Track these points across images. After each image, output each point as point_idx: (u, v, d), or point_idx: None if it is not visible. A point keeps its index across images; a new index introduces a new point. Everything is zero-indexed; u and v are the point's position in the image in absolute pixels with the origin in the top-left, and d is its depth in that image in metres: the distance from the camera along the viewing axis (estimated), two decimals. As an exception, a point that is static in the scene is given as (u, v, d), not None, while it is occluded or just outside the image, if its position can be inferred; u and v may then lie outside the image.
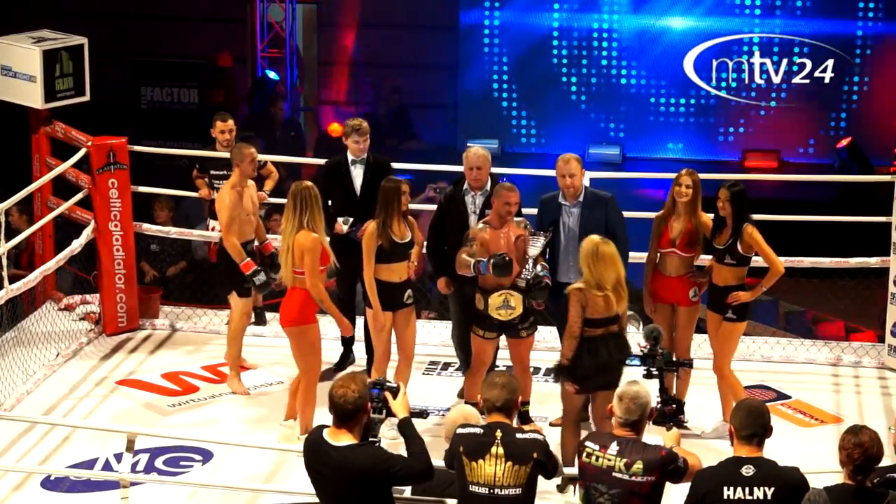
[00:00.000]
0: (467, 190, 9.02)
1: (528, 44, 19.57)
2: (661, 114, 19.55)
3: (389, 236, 8.57)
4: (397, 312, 8.72)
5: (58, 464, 8.35)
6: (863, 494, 5.54)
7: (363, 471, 5.90)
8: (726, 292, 8.59)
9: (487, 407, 6.20)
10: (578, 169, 8.71)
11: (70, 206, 10.41)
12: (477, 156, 8.99)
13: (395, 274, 8.67)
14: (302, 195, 8.33)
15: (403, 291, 8.72)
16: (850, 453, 5.54)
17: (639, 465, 5.88)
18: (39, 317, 10.53)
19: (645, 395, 6.03)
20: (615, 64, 19.50)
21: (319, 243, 8.31)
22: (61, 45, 10.41)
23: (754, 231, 8.51)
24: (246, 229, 9.37)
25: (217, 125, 10.46)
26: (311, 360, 8.49)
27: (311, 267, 8.31)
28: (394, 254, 8.62)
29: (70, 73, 10.42)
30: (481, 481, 6.05)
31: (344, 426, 5.97)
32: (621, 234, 8.68)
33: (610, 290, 7.83)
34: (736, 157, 19.29)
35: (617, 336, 7.98)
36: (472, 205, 9.00)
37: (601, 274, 7.81)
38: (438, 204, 9.31)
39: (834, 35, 19.00)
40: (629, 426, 6.01)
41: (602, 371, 7.91)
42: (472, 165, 8.97)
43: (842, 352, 10.24)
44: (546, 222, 8.76)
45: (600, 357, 7.89)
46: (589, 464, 5.97)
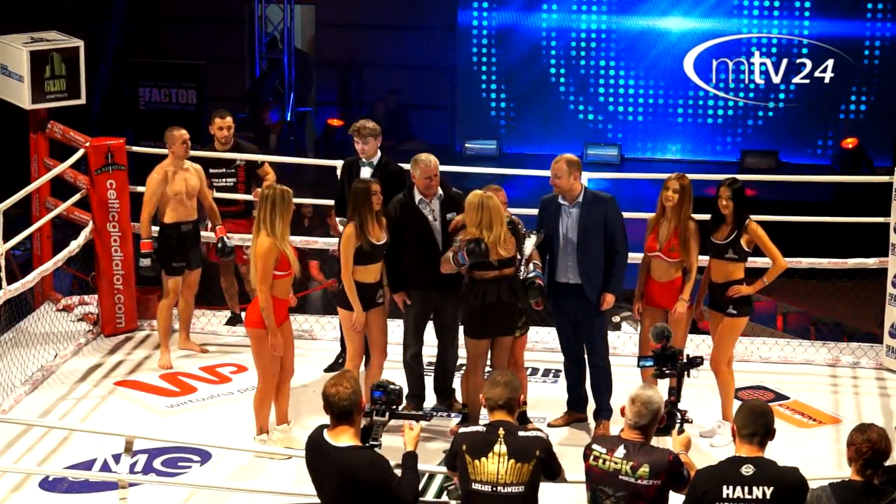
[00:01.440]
0: (421, 199, 8.80)
1: (526, 44, 19.58)
2: (660, 114, 19.56)
3: (367, 238, 8.56)
4: (369, 312, 8.70)
5: (56, 464, 8.34)
6: (869, 490, 5.56)
7: (360, 475, 5.90)
8: (726, 288, 8.61)
9: (490, 406, 6.22)
10: (564, 171, 8.68)
11: (68, 206, 10.40)
12: (429, 165, 8.76)
13: (371, 275, 8.66)
14: (270, 198, 8.22)
15: (376, 291, 8.71)
16: (858, 448, 5.59)
17: (645, 468, 5.88)
18: (38, 318, 10.52)
19: (658, 401, 6.02)
20: (613, 65, 19.51)
21: (275, 249, 8.18)
22: (52, 47, 10.38)
23: (758, 227, 8.57)
24: (179, 211, 9.77)
25: (216, 122, 10.47)
26: (268, 364, 8.38)
27: (260, 272, 8.19)
28: (372, 255, 8.60)
29: (63, 75, 10.39)
30: (484, 479, 6.06)
31: (341, 424, 5.98)
32: (620, 235, 8.68)
33: (494, 237, 8.26)
34: (735, 157, 19.30)
35: (510, 279, 8.41)
36: (430, 214, 8.79)
37: (488, 220, 8.24)
38: (388, 216, 8.79)
39: (834, 36, 19.02)
40: (638, 429, 5.99)
41: (492, 313, 8.34)
42: (427, 175, 8.77)
43: (840, 353, 10.24)
44: (546, 222, 8.76)
45: (488, 297, 8.31)
46: (596, 467, 5.97)
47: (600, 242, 8.65)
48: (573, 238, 8.67)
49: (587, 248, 8.65)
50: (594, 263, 8.66)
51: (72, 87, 10.45)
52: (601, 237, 8.65)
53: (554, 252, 8.73)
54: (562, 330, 8.95)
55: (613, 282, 8.70)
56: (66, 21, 18.23)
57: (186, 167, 9.85)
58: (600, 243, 8.65)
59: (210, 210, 10.00)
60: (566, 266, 8.73)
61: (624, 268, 8.73)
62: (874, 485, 5.57)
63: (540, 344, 10.08)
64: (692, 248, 8.60)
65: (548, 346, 9.95)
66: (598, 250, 8.65)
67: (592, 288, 8.68)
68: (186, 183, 9.80)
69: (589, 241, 8.65)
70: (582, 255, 8.66)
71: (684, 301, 8.68)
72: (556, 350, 9.22)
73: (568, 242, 8.70)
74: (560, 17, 19.43)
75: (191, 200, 9.86)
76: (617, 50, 19.43)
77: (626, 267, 8.74)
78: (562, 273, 8.74)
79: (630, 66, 19.46)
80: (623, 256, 8.71)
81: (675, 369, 6.99)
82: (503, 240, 8.31)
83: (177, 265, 9.87)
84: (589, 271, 8.66)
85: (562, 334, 8.97)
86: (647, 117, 19.57)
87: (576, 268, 8.69)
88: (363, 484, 5.90)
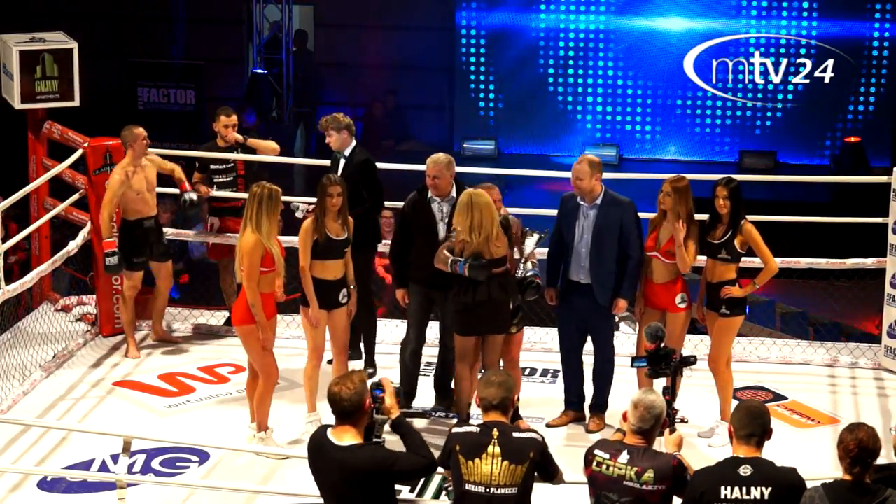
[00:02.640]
0: (432, 198, 8.87)
1: (525, 44, 19.57)
2: (659, 114, 19.56)
3: (324, 232, 8.56)
4: (332, 312, 8.69)
5: (54, 465, 8.34)
6: (859, 488, 5.56)
7: (364, 471, 5.91)
8: (720, 288, 8.62)
9: (484, 405, 6.19)
10: (587, 172, 8.68)
11: (66, 206, 10.40)
12: (435, 164, 8.81)
13: (330, 272, 8.64)
14: (258, 196, 8.27)
15: (338, 290, 8.69)
16: (846, 446, 5.59)
17: (650, 473, 5.87)
18: (36, 318, 10.52)
19: (660, 406, 6.00)
20: (612, 65, 19.51)
21: (260, 246, 8.21)
22: (44, 48, 10.36)
23: (753, 228, 8.56)
24: (139, 207, 9.96)
25: (221, 119, 10.47)
26: (261, 359, 8.41)
27: (246, 270, 8.24)
28: (329, 250, 8.60)
29: (55, 76, 10.37)
30: (478, 480, 6.05)
31: (345, 424, 5.99)
32: (635, 240, 8.68)
33: (485, 236, 8.23)
34: (733, 157, 19.30)
35: (501, 277, 8.35)
36: (438, 212, 8.85)
37: (479, 221, 8.21)
38: (402, 212, 9.01)
39: (834, 36, 19.01)
40: (641, 434, 5.98)
41: (482, 311, 8.31)
42: (430, 174, 8.81)
43: (838, 353, 10.24)
44: (563, 220, 8.76)
45: (479, 296, 8.27)
46: (599, 473, 5.95)
47: (614, 246, 8.65)
48: (588, 239, 8.67)
49: (600, 251, 8.65)
50: (606, 266, 8.66)
51: (64, 89, 10.41)
52: (616, 240, 8.65)
53: (568, 251, 8.73)
54: (565, 328, 8.93)
55: (626, 286, 8.69)
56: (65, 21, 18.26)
57: (144, 163, 10.00)
58: (614, 246, 8.65)
59: (173, 173, 10.19)
60: (578, 266, 8.73)
61: (638, 273, 8.71)
62: (865, 483, 5.57)
63: (538, 344, 10.08)
64: (691, 248, 8.59)
65: (546, 347, 9.95)
66: (611, 253, 8.65)
67: (602, 290, 8.68)
68: (147, 179, 9.98)
69: (603, 243, 8.65)
70: (595, 256, 8.66)
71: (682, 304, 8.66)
72: (555, 350, 9.22)
73: (582, 243, 8.71)
74: (559, 17, 19.42)
75: (151, 194, 10.04)
76: (616, 50, 19.43)
77: (639, 272, 8.72)
78: (574, 272, 8.75)
79: (629, 67, 19.46)
80: (637, 262, 8.68)
81: (669, 368, 6.99)
82: (494, 238, 8.28)
83: (138, 261, 10.04)
84: (600, 274, 8.66)
85: (564, 332, 8.95)
86: (645, 117, 19.57)
87: (588, 269, 8.69)
88: (370, 480, 5.91)
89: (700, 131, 19.51)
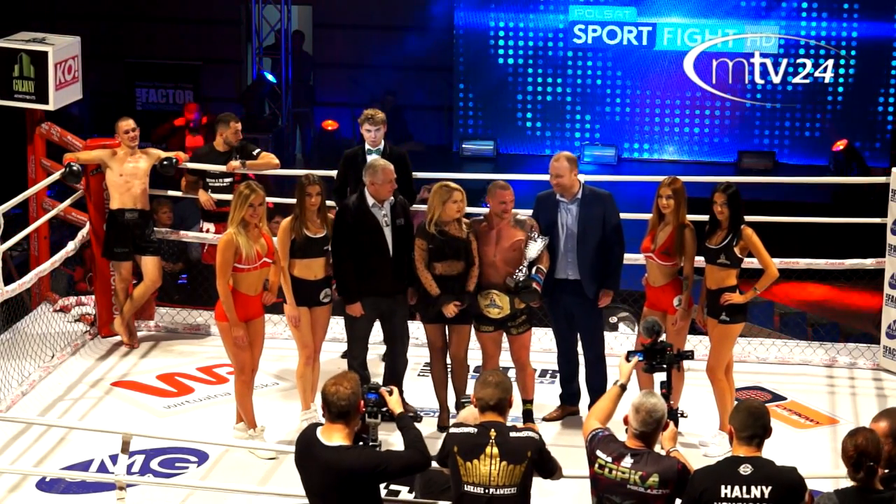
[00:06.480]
0: (374, 204, 8.63)
1: (523, 44, 19.57)
2: (657, 114, 19.56)
3: (302, 231, 8.56)
4: (313, 310, 8.69)
5: (53, 465, 8.35)
6: (867, 493, 5.55)
7: (351, 471, 5.92)
8: (719, 294, 8.57)
9: (481, 406, 6.18)
10: (566, 169, 8.70)
11: (65, 207, 10.40)
12: (393, 168, 8.70)
13: (311, 271, 8.65)
14: (236, 194, 8.35)
15: (320, 289, 8.69)
16: (845, 451, 5.59)
17: (655, 478, 5.85)
18: (35, 318, 10.52)
19: (662, 409, 5.98)
20: (611, 65, 19.50)
21: (232, 244, 8.24)
22: (21, 48, 10.27)
23: (753, 233, 8.51)
24: (122, 196, 10.07)
25: (231, 125, 10.47)
26: (234, 355, 8.44)
27: (218, 265, 8.30)
28: (308, 249, 8.59)
29: (31, 77, 10.32)
30: (476, 481, 6.05)
31: (337, 424, 5.99)
32: (619, 230, 8.74)
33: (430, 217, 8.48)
34: (732, 158, 19.30)
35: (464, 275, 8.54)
36: (382, 217, 8.66)
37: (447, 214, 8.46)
38: (341, 219, 8.67)
39: (834, 37, 19.01)
40: (642, 438, 5.96)
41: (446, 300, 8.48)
42: (390, 178, 8.63)
43: (837, 353, 10.24)
44: (542, 219, 8.76)
45: (445, 288, 8.49)
46: (602, 475, 5.94)
47: (599, 238, 8.69)
48: (573, 234, 8.69)
49: (586, 244, 8.70)
50: (593, 259, 8.71)
51: (39, 92, 10.29)
52: (600, 233, 8.71)
53: (553, 248, 8.73)
54: (557, 326, 9.03)
55: (611, 278, 8.76)
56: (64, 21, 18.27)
57: (139, 155, 10.10)
58: (599, 239, 8.69)
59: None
60: (565, 262, 8.76)
61: (621, 264, 8.75)
62: (876, 489, 5.56)
63: (537, 344, 10.07)
64: (688, 252, 8.56)
65: (545, 347, 9.94)
66: (596, 246, 8.71)
67: (590, 283, 8.73)
68: (137, 168, 10.07)
69: (588, 237, 8.70)
70: (581, 251, 8.70)
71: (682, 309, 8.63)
72: (554, 351, 9.22)
73: (568, 239, 8.73)
74: (558, 18, 19.42)
75: (140, 187, 10.08)
76: (616, 50, 19.42)
77: (622, 263, 8.75)
78: (560, 270, 8.77)
79: (629, 67, 19.45)
80: (620, 252, 8.73)
81: (665, 362, 6.95)
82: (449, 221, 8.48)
83: (119, 251, 10.12)
84: (588, 267, 8.72)
85: (557, 330, 9.05)
86: (644, 117, 19.57)
87: (575, 264, 8.73)
88: (350, 477, 5.92)
89: (699, 131, 19.51)
